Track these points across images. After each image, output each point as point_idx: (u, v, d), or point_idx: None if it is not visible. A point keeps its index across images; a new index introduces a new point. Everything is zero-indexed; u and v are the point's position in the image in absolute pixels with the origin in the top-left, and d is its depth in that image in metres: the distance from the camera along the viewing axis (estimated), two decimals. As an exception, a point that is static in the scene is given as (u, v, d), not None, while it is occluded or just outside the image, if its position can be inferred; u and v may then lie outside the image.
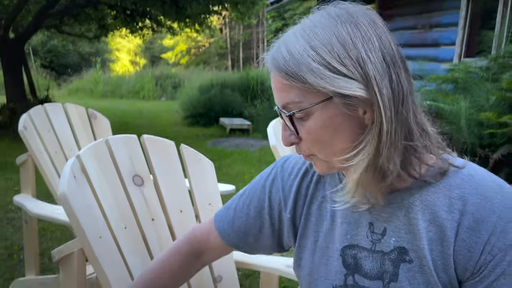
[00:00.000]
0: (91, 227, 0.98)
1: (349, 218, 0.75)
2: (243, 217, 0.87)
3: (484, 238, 0.65)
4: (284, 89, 0.67)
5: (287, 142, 0.71)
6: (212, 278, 1.21)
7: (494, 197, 0.66)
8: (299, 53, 0.64)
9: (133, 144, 1.22)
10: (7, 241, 2.79)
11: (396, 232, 0.71)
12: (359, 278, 0.74)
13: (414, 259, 0.69)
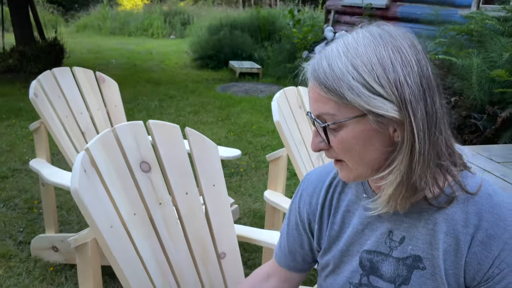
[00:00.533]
0: (103, 218, 1.07)
1: (371, 225, 0.82)
2: (288, 239, 0.95)
3: (495, 253, 0.72)
4: (321, 100, 0.72)
5: (317, 148, 0.76)
6: (216, 255, 1.32)
7: (508, 217, 0.72)
8: (340, 70, 0.68)
9: (139, 131, 1.27)
10: (27, 194, 2.94)
11: (414, 241, 0.77)
12: (374, 279, 0.82)
13: (428, 266, 0.76)
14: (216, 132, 4.50)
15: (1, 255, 2.21)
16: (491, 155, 2.92)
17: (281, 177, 1.80)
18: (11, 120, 4.68)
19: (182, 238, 1.26)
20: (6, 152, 3.72)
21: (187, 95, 6.32)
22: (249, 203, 2.91)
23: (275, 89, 7.02)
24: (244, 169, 3.50)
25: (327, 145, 0.75)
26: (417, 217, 0.77)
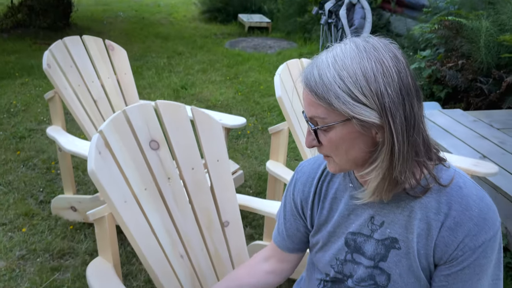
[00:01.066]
0: (117, 195, 1.19)
1: (355, 211, 0.94)
2: (285, 224, 1.07)
3: (460, 238, 0.83)
4: (312, 105, 0.81)
5: (310, 145, 0.87)
6: (220, 223, 1.45)
7: (474, 208, 0.83)
8: (328, 80, 0.78)
9: (148, 111, 1.37)
10: (44, 154, 3.10)
11: (392, 225, 0.89)
12: (357, 256, 0.94)
13: (403, 247, 0.88)
14: (224, 92, 4.56)
15: (24, 214, 2.39)
16: (491, 121, 2.98)
17: (282, 149, 1.90)
18: (24, 78, 4.78)
19: (189, 209, 1.38)
20: (21, 111, 3.86)
21: (196, 52, 6.32)
22: (255, 165, 3.04)
23: (284, 45, 6.97)
24: (250, 131, 3.60)
25: (318, 143, 0.85)
26: (396, 205, 0.88)
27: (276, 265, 1.10)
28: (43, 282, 1.92)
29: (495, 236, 0.84)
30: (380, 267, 0.92)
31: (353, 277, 0.95)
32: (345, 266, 0.96)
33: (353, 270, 0.95)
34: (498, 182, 2.16)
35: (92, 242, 2.19)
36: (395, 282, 0.90)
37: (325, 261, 0.99)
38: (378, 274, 0.92)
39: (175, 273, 1.29)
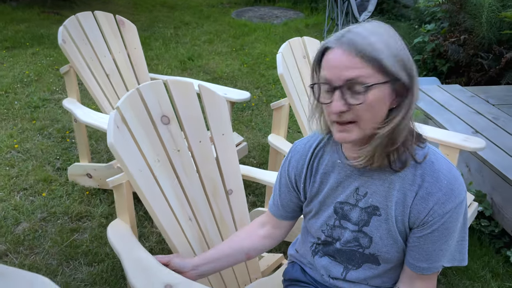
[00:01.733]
0: (133, 165, 1.34)
1: (343, 184, 1.08)
2: (280, 196, 1.21)
3: (430, 206, 0.98)
4: (355, 67, 0.87)
5: (339, 110, 0.90)
6: (225, 191, 1.61)
7: (443, 180, 0.98)
8: (379, 45, 0.88)
9: (159, 88, 1.50)
10: (59, 123, 3.26)
11: (374, 195, 1.04)
12: (344, 222, 1.10)
13: (383, 214, 1.03)
14: (230, 64, 4.65)
15: (43, 180, 2.57)
16: (488, 97, 3.08)
17: (283, 123, 2.03)
18: (35, 48, 4.89)
19: (196, 178, 1.54)
20: (34, 81, 3.99)
21: (202, 22, 6.35)
22: (259, 137, 3.18)
23: (291, 15, 6.96)
24: (255, 103, 3.72)
25: (349, 106, 0.90)
26: (378, 178, 1.02)
27: (271, 231, 1.26)
28: (64, 242, 2.11)
29: (460, 204, 0.98)
30: (363, 231, 1.07)
31: (341, 240, 1.11)
32: (334, 231, 1.12)
33: (341, 234, 1.11)
34: (486, 156, 2.29)
35: (107, 207, 2.37)
36: (376, 243, 1.06)
37: (317, 227, 1.15)
38: (362, 237, 1.07)
39: (185, 234, 1.45)
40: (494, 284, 1.97)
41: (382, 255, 1.07)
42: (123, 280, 1.91)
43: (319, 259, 1.18)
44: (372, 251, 1.07)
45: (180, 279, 1.18)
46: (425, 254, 1.02)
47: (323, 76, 0.92)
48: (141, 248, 1.31)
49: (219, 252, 1.24)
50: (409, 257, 1.05)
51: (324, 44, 0.93)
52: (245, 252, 1.24)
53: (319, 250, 1.19)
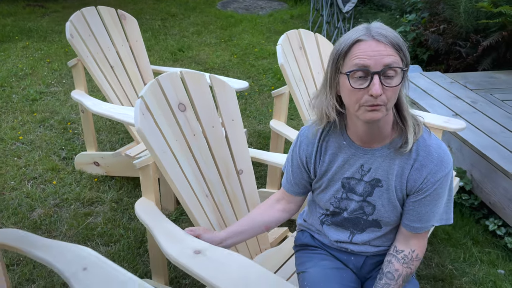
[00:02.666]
0: (158, 147, 1.49)
1: (349, 162, 1.24)
2: (293, 175, 1.37)
3: (424, 176, 1.17)
4: (391, 54, 1.03)
5: (380, 92, 1.03)
6: (236, 171, 1.77)
7: (434, 153, 1.16)
8: (399, 38, 1.07)
9: (176, 79, 1.64)
10: (58, 115, 3.35)
11: (376, 170, 1.21)
12: (350, 194, 1.27)
13: (384, 185, 1.21)
14: (220, 54, 4.78)
15: (51, 169, 2.69)
16: (466, 83, 3.31)
17: (284, 110, 2.20)
18: (24, 41, 4.92)
19: (211, 159, 1.69)
20: (29, 75, 4.05)
21: (189, 13, 6.43)
22: (254, 124, 3.35)
23: (275, 5, 7.09)
24: (248, 92, 3.88)
25: (383, 89, 1.04)
26: (380, 156, 1.20)
27: (286, 205, 1.43)
28: (79, 225, 2.24)
29: (448, 173, 1.18)
30: (367, 201, 1.25)
31: (347, 209, 1.29)
32: (341, 202, 1.29)
33: (347, 205, 1.28)
34: (466, 136, 2.52)
35: (116, 192, 2.51)
36: (379, 210, 1.24)
37: (325, 200, 1.32)
38: (366, 206, 1.26)
39: (203, 208, 1.61)
40: (475, 250, 2.20)
41: (383, 220, 1.25)
42: (140, 257, 2.06)
43: (327, 228, 1.36)
44: (375, 217, 1.26)
45: (207, 245, 1.34)
46: (419, 215, 1.21)
47: (358, 63, 1.04)
48: (168, 221, 1.47)
49: (243, 226, 1.40)
50: (404, 219, 1.24)
51: (355, 37, 1.05)
52: (264, 225, 1.41)
53: (327, 220, 1.36)
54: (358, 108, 1.09)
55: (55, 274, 1.94)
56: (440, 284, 1.99)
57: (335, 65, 1.11)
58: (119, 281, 1.18)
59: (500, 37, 3.49)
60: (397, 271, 1.22)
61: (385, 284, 1.22)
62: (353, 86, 1.07)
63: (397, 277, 1.22)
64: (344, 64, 1.09)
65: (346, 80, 1.07)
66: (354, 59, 1.05)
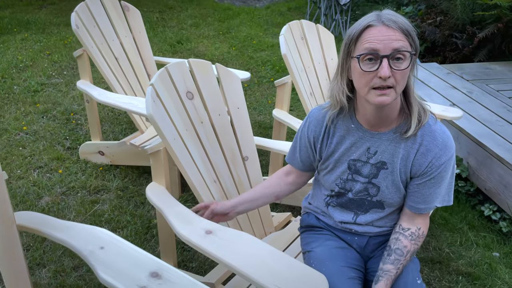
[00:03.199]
0: (168, 133, 1.54)
1: (356, 144, 1.30)
2: (300, 153, 1.43)
3: (429, 160, 1.23)
4: (401, 39, 1.08)
5: (388, 74, 1.08)
6: (242, 158, 1.83)
7: (439, 139, 1.23)
8: (409, 24, 1.12)
9: (184, 68, 1.69)
10: (61, 106, 3.38)
11: (382, 153, 1.27)
12: (355, 176, 1.33)
13: (389, 167, 1.27)
14: (219, 47, 4.82)
15: (56, 158, 2.73)
16: (463, 73, 3.38)
17: (286, 99, 2.26)
18: (23, 33, 4.92)
19: (217, 146, 1.75)
20: (30, 67, 4.07)
21: (186, 6, 6.45)
22: (255, 115, 3.40)
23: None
24: (248, 84, 3.92)
25: (392, 72, 1.09)
26: (386, 139, 1.26)
27: (295, 179, 1.50)
28: (87, 212, 2.30)
29: (452, 157, 1.24)
30: (372, 182, 1.31)
31: (352, 190, 1.35)
32: (347, 184, 1.35)
33: (353, 186, 1.34)
34: (462, 124, 2.59)
35: (121, 181, 2.56)
36: (383, 192, 1.31)
37: (331, 181, 1.38)
38: (371, 187, 1.32)
39: (211, 193, 1.67)
40: (471, 234, 2.28)
41: (387, 201, 1.32)
42: (147, 242, 2.12)
43: (332, 209, 1.42)
44: (378, 198, 1.32)
45: (217, 226, 1.40)
46: (423, 197, 1.27)
47: (368, 47, 1.10)
48: (179, 204, 1.53)
49: (255, 195, 1.49)
50: (409, 201, 1.30)
51: (366, 22, 1.11)
52: (275, 195, 1.49)
53: (332, 201, 1.42)
54: (368, 91, 1.14)
55: (65, 259, 2.00)
56: (437, 266, 2.07)
57: (347, 50, 1.16)
58: (135, 258, 1.23)
59: (495, 29, 3.56)
60: (405, 247, 1.29)
61: (395, 260, 1.28)
62: (363, 69, 1.12)
63: (406, 253, 1.28)
64: (355, 49, 1.14)
65: (357, 63, 1.13)
66: (364, 43, 1.11)
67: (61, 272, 1.93)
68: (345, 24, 5.34)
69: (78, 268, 1.96)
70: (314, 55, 2.39)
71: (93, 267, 1.21)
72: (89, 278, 1.91)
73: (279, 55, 4.61)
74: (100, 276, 1.18)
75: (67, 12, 5.84)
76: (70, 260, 1.99)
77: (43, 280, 1.89)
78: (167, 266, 1.21)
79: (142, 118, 2.57)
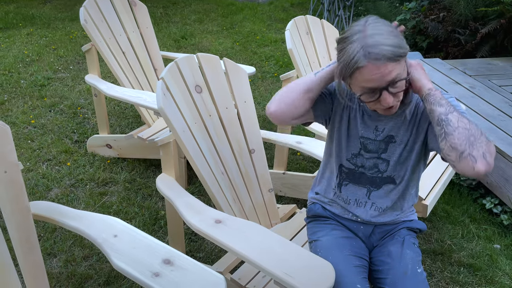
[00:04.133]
0: (178, 125, 1.58)
1: (365, 122, 1.35)
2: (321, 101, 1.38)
3: (422, 110, 1.28)
4: (391, 70, 1.09)
5: (391, 104, 1.15)
6: (248, 150, 1.87)
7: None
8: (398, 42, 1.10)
9: (192, 62, 1.73)
10: (67, 100, 3.43)
11: (390, 129, 1.33)
12: (364, 153, 1.38)
13: (397, 140, 1.33)
14: (223, 42, 4.85)
15: (65, 151, 2.77)
16: (465, 69, 3.41)
17: (292, 92, 2.30)
18: (28, 28, 4.96)
19: (225, 139, 1.79)
20: (36, 61, 4.11)
21: (190, 1, 6.47)
22: (259, 110, 3.44)
23: (275, -5, 7.13)
24: (252, 79, 3.96)
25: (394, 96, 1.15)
26: (393, 117, 1.31)
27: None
28: (96, 203, 2.34)
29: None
30: (381, 157, 1.37)
31: (364, 166, 1.40)
32: (358, 159, 1.40)
33: (363, 162, 1.39)
34: (465, 119, 2.62)
35: (128, 173, 2.60)
36: (392, 166, 1.37)
37: (343, 154, 1.41)
38: (380, 163, 1.38)
39: (219, 185, 1.71)
40: (472, 227, 2.32)
41: (397, 174, 1.37)
42: (155, 233, 2.17)
43: (345, 188, 1.45)
44: (389, 173, 1.38)
45: (226, 215, 1.45)
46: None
47: (365, 87, 1.13)
48: (189, 194, 1.57)
49: None
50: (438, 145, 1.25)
51: (354, 64, 1.10)
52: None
53: (344, 179, 1.45)
54: (373, 108, 1.25)
55: (75, 248, 2.05)
56: (439, 258, 2.11)
57: (343, 81, 1.20)
58: (147, 245, 1.28)
59: (498, 24, 3.58)
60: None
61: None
62: (364, 100, 1.19)
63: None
64: (351, 83, 1.18)
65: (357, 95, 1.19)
66: (359, 84, 1.14)
67: (72, 261, 1.98)
68: (348, 20, 5.36)
69: (88, 257, 2.01)
70: (319, 50, 2.42)
71: (107, 254, 1.26)
72: (99, 267, 1.96)
73: (282, 50, 4.64)
74: (115, 263, 1.23)
75: (72, 7, 5.87)
76: (80, 250, 2.04)
77: (54, 270, 1.94)
78: (178, 253, 1.25)
79: (150, 112, 2.61)
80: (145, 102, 2.14)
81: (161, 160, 1.70)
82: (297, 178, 2.35)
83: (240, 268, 1.70)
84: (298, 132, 3.13)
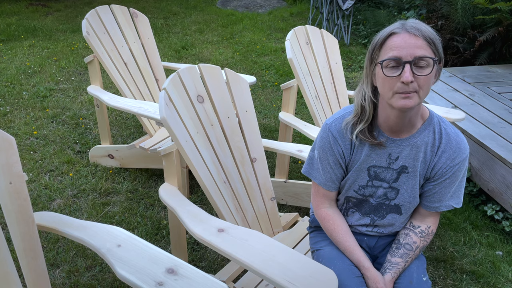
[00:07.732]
0: (181, 135, 1.60)
1: (376, 151, 1.32)
2: (334, 172, 1.38)
3: (444, 161, 1.28)
4: (422, 47, 1.11)
5: (409, 79, 1.11)
6: (250, 159, 1.88)
7: (453, 141, 1.28)
8: (433, 33, 1.15)
9: (194, 72, 1.75)
10: (70, 111, 3.45)
11: (404, 158, 1.31)
12: (375, 182, 1.36)
13: (410, 171, 1.32)
14: (223, 52, 4.88)
15: (67, 162, 2.79)
16: (464, 76, 3.44)
17: (292, 102, 2.31)
18: (30, 40, 5.00)
19: (227, 148, 1.80)
20: (38, 73, 4.15)
21: (190, 12, 6.53)
22: (260, 119, 3.46)
23: (274, 4, 7.19)
24: (252, 88, 3.98)
25: (414, 77, 1.12)
26: (408, 145, 1.29)
27: (333, 203, 1.47)
28: (98, 214, 2.35)
29: (465, 158, 1.30)
30: (392, 186, 1.35)
31: (373, 196, 1.38)
32: (366, 189, 1.38)
33: (372, 192, 1.37)
34: (465, 126, 2.63)
35: (130, 183, 2.61)
36: (402, 194, 1.35)
37: (348, 186, 1.39)
38: (390, 191, 1.36)
39: (222, 193, 1.72)
40: (474, 234, 2.32)
41: (405, 205, 1.36)
42: (157, 243, 2.17)
43: (351, 215, 1.45)
44: (397, 201, 1.36)
45: (229, 224, 1.45)
46: (438, 196, 1.33)
47: (392, 55, 1.13)
48: (191, 204, 1.58)
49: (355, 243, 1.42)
50: (424, 201, 1.35)
51: (390, 30, 1.14)
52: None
53: (350, 208, 1.44)
54: (392, 95, 1.16)
55: (78, 259, 2.05)
56: (442, 265, 2.11)
57: (371, 57, 1.20)
58: (151, 255, 1.29)
59: (496, 32, 3.61)
60: (415, 243, 1.34)
61: (404, 254, 1.33)
62: (386, 74, 1.15)
63: (415, 249, 1.34)
64: (379, 55, 1.17)
65: (380, 69, 1.16)
66: (387, 50, 1.14)
67: (75, 272, 1.98)
68: (347, 29, 5.40)
69: (91, 268, 2.01)
70: (319, 59, 2.44)
71: (112, 264, 1.26)
72: (102, 277, 1.96)
73: (282, 59, 4.67)
74: (119, 273, 1.23)
75: (73, 18, 5.93)
76: (83, 261, 2.04)
77: (57, 280, 1.94)
78: (182, 262, 1.26)
79: (151, 122, 2.63)
80: (148, 112, 2.16)
81: (163, 170, 1.71)
82: (298, 186, 2.36)
83: (243, 277, 1.70)
84: (299, 141, 3.14)
